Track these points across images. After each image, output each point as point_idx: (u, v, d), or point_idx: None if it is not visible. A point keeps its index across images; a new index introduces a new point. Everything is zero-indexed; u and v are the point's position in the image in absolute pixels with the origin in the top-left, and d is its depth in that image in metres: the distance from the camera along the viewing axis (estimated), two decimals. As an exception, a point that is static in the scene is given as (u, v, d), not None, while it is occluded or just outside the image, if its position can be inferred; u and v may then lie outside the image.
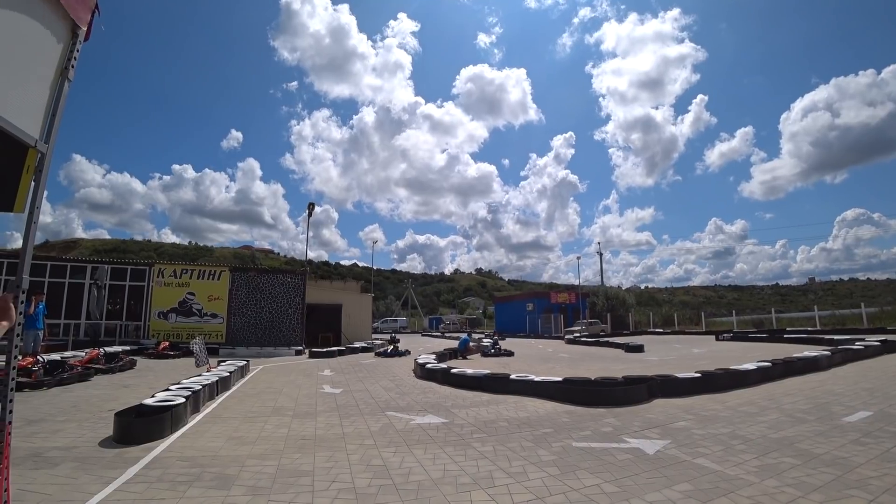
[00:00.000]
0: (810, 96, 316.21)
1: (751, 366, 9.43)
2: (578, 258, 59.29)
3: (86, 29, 2.53)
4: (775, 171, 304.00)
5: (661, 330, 37.78)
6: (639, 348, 19.11)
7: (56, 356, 11.53)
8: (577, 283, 51.39)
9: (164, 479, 4.08)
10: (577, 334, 31.51)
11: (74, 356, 12.04)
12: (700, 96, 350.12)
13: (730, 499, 3.43)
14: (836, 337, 18.35)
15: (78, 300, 20.02)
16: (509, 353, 18.61)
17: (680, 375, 8.52)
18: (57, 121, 2.37)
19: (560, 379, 8.36)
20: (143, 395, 7.08)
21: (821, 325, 28.44)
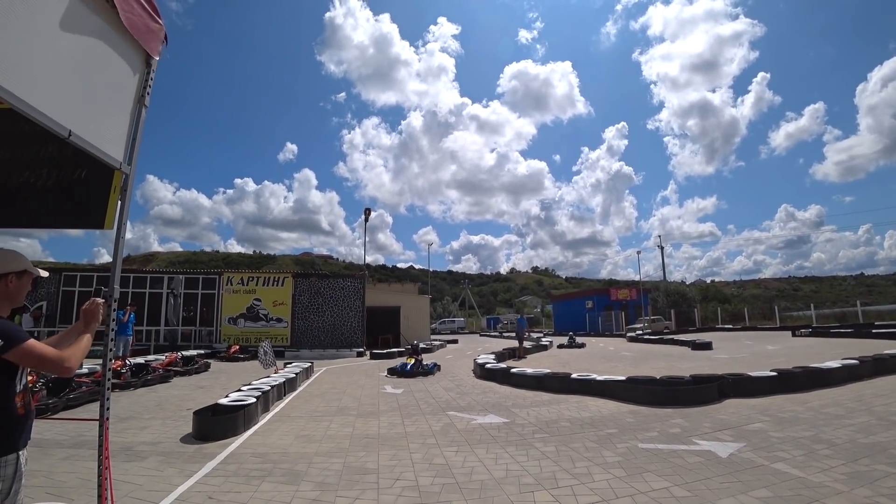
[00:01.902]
0: (890, 63, 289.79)
1: (834, 364, 8.75)
2: (638, 252, 56.82)
3: (157, 59, 2.74)
4: (852, 149, 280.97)
5: (731, 326, 35.75)
6: (706, 346, 18.14)
7: (141, 360, 12.48)
8: (637, 278, 49.57)
9: (240, 474, 4.33)
10: (640, 332, 30.39)
11: (156, 359, 12.98)
12: (761, 74, 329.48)
13: (814, 506, 3.20)
14: (933, 331, 16.65)
15: (157, 308, 21.66)
16: (581, 346, 22.49)
17: (753, 374, 8.04)
18: (137, 144, 2.58)
19: (623, 378, 8.13)
20: (218, 395, 7.53)
21: None
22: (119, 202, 2.40)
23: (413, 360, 12.39)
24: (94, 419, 2.20)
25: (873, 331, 20.72)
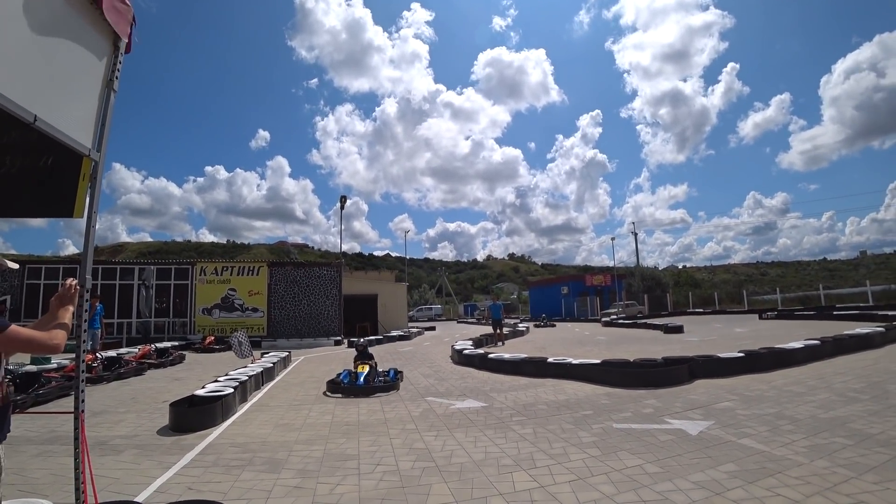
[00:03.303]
0: (852, 56, 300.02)
1: (797, 344, 9.12)
2: (613, 239, 57.83)
3: (126, 41, 2.66)
4: (816, 139, 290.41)
5: (701, 310, 36.87)
6: (678, 329, 18.70)
7: (112, 353, 12.17)
8: (611, 264, 50.52)
9: (219, 464, 4.31)
10: (614, 317, 31.03)
11: (129, 352, 12.68)
12: (731, 65, 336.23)
13: (777, 479, 3.37)
14: (890, 313, 17.46)
15: (128, 300, 21.12)
16: (552, 325, 27.00)
17: (722, 355, 8.32)
18: (106, 130, 2.51)
19: (598, 361, 8.32)
20: (194, 386, 7.43)
21: (874, 300, 26.93)
22: (89, 190, 2.34)
23: (366, 369, 8.15)
24: (69, 412, 2.16)
25: (834, 313, 21.67)
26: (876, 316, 17.49)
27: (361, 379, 7.82)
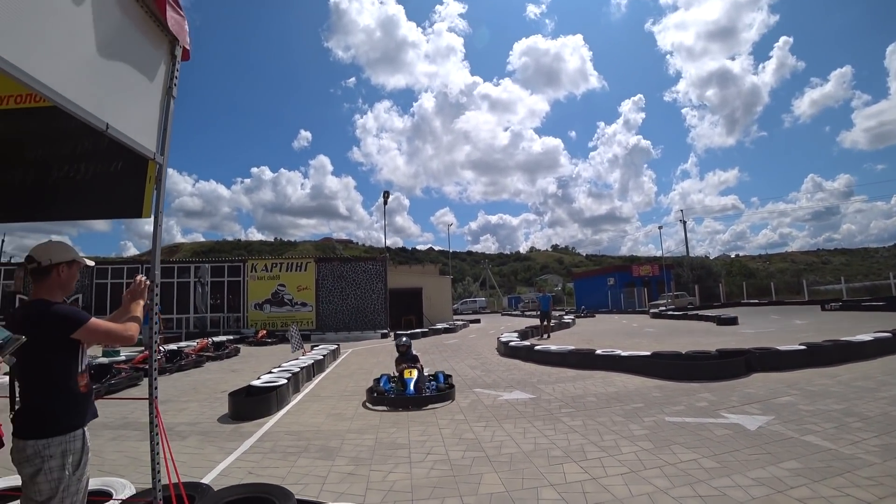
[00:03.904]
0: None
1: (866, 337, 8.58)
2: (660, 228, 55.68)
3: (183, 49, 2.79)
4: (883, 114, 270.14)
5: (757, 301, 35.09)
6: (732, 321, 17.91)
7: (174, 346, 12.91)
8: (659, 254, 48.88)
9: (276, 451, 4.51)
10: (663, 308, 30.10)
11: (188, 346, 13.41)
12: (783, 39, 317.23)
13: (846, 479, 3.19)
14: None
15: (185, 297, 22.28)
16: (592, 316, 27.44)
17: (781, 348, 7.95)
18: (168, 135, 2.65)
19: (648, 353, 8.12)
20: (250, 378, 7.76)
21: None
22: (155, 191, 2.49)
23: (414, 374, 6.80)
24: (144, 398, 2.32)
25: (908, 303, 20.11)
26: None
27: (411, 387, 6.51)
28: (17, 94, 2.76)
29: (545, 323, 16.95)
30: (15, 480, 2.14)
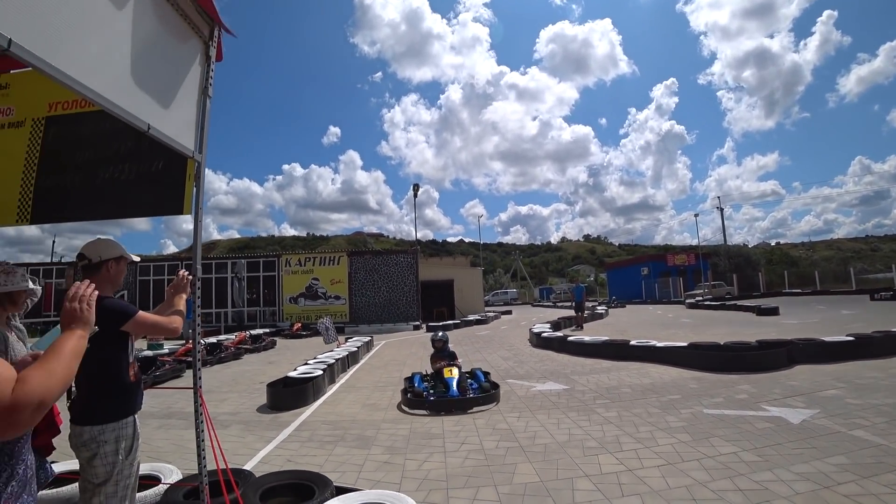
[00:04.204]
0: None
1: (920, 327, 8.12)
2: (696, 216, 53.69)
3: (216, 48, 2.87)
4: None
5: (799, 290, 33.69)
6: (773, 311, 17.27)
7: (213, 339, 13.37)
8: (695, 243, 47.45)
9: (314, 440, 4.63)
10: (700, 298, 29.29)
11: (227, 339, 13.85)
12: (826, 13, 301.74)
13: (899, 474, 3.05)
14: None
15: (223, 292, 23.00)
16: (622, 306, 27.28)
17: (827, 339, 7.61)
18: (205, 133, 2.73)
19: (685, 344, 7.94)
20: (287, 369, 7.97)
21: None
22: (194, 188, 2.58)
23: (455, 373, 6.18)
24: (189, 388, 2.43)
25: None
26: None
27: (455, 387, 5.87)
28: (64, 101, 2.90)
29: (580, 314, 16.79)
30: (73, 465, 2.28)
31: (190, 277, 2.44)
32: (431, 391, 5.99)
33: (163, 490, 2.99)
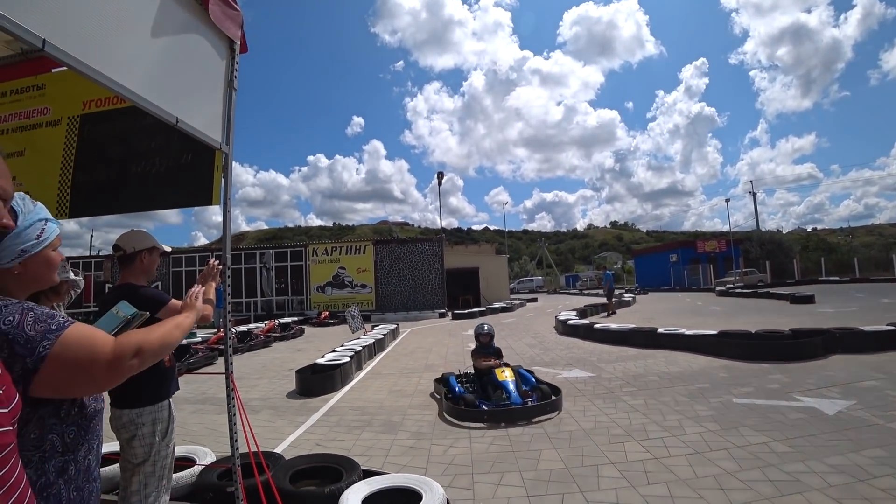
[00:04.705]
0: None
1: (966, 314, 7.73)
2: (727, 201, 51.96)
3: (240, 43, 2.92)
4: None
5: (837, 278, 32.41)
6: (808, 299, 16.68)
7: (244, 328, 13.74)
8: (726, 229, 46.10)
9: (342, 424, 4.74)
10: (730, 285, 28.54)
11: (257, 327, 14.22)
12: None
13: (940, 468, 2.94)
14: None
15: (252, 281, 23.58)
16: (644, 293, 28.16)
17: (865, 328, 7.31)
18: (231, 125, 2.79)
19: (714, 332, 7.78)
20: (315, 356, 8.14)
21: None
22: (223, 179, 2.64)
23: (511, 374, 5.16)
24: (221, 373, 2.51)
25: None
26: None
27: (514, 393, 4.84)
28: (97, 99, 3.00)
29: (611, 301, 16.73)
30: (115, 446, 2.41)
31: (220, 266, 2.51)
32: (482, 398, 4.99)
33: (198, 471, 3.11)
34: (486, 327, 5.95)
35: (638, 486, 2.99)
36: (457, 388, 5.20)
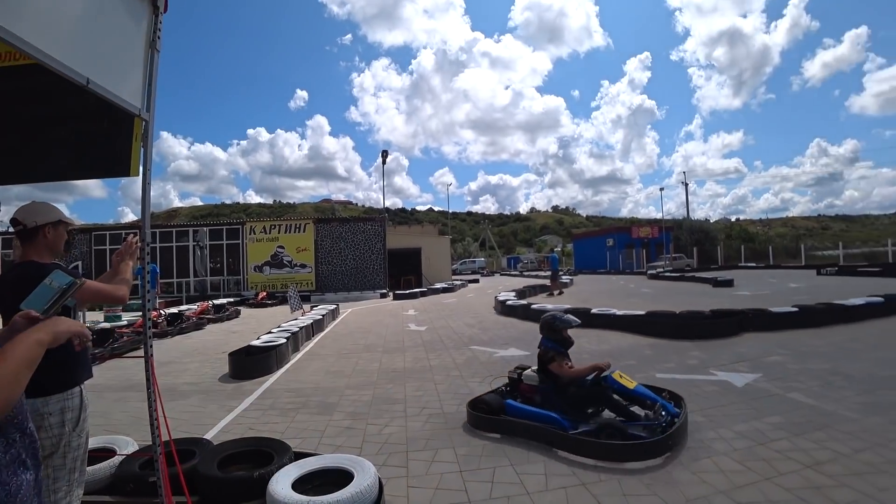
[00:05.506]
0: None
1: (858, 300, 8.60)
2: (661, 190, 55.07)
3: (164, 1, 2.70)
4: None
5: (754, 264, 35.17)
6: (728, 283, 18.02)
7: (174, 310, 13.04)
8: (659, 216, 48.68)
9: (276, 407, 4.64)
10: (661, 269, 30.25)
11: (189, 309, 13.54)
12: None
13: (826, 433, 3.31)
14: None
15: (185, 261, 22.39)
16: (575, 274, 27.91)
17: (774, 310, 8.01)
18: (153, 90, 2.59)
19: (643, 312, 8.23)
20: (250, 338, 7.87)
21: None
22: (142, 148, 2.46)
23: (632, 382, 3.55)
24: (140, 357, 2.37)
25: (903, 270, 20.05)
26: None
27: (668, 402, 3.52)
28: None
29: (555, 282, 17.55)
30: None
31: (139, 244, 2.34)
32: (574, 417, 3.46)
33: (118, 461, 2.94)
34: (571, 316, 4.33)
35: (564, 458, 3.14)
36: (514, 408, 3.73)
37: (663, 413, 3.31)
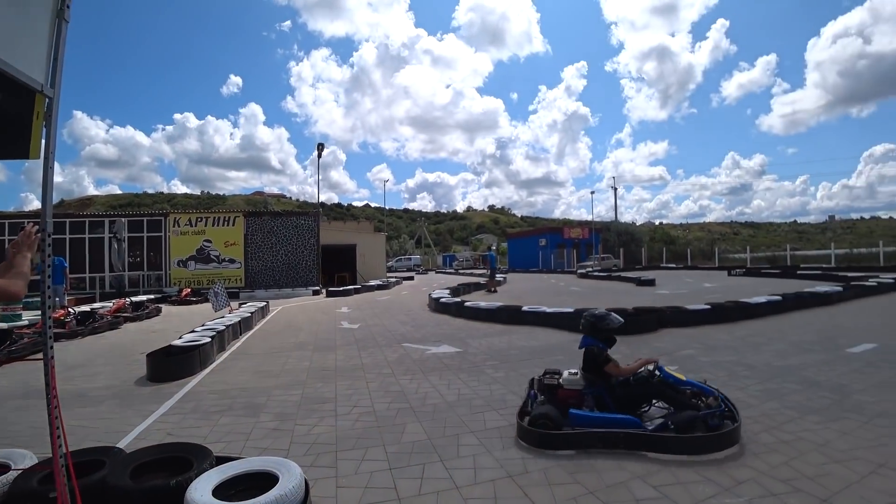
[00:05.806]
0: (843, 20, 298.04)
1: (761, 299, 9.48)
2: (592, 193, 58.24)
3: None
4: (797, 102, 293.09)
5: (674, 265, 37.74)
6: (650, 282, 19.25)
7: (86, 307, 11.98)
8: (590, 218, 50.95)
9: (198, 410, 4.39)
10: (590, 269, 31.68)
11: (103, 307, 12.49)
12: (720, 21, 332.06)
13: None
14: (850, 274, 18.21)
15: (100, 254, 20.61)
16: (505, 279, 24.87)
17: (689, 307, 8.66)
18: (60, 64, 2.36)
19: (571, 310, 8.56)
20: (171, 338, 7.41)
21: (836, 263, 27.88)
22: (44, 128, 2.23)
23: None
24: (39, 359, 2.15)
25: (798, 272, 22.38)
26: (836, 277, 18.09)
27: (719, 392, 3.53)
28: None
29: (491, 279, 18.00)
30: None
31: (38, 234, 2.12)
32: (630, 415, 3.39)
33: (13, 478, 2.65)
34: (616, 316, 4.13)
35: (493, 451, 3.21)
36: (610, 416, 3.41)
37: (721, 402, 3.36)
